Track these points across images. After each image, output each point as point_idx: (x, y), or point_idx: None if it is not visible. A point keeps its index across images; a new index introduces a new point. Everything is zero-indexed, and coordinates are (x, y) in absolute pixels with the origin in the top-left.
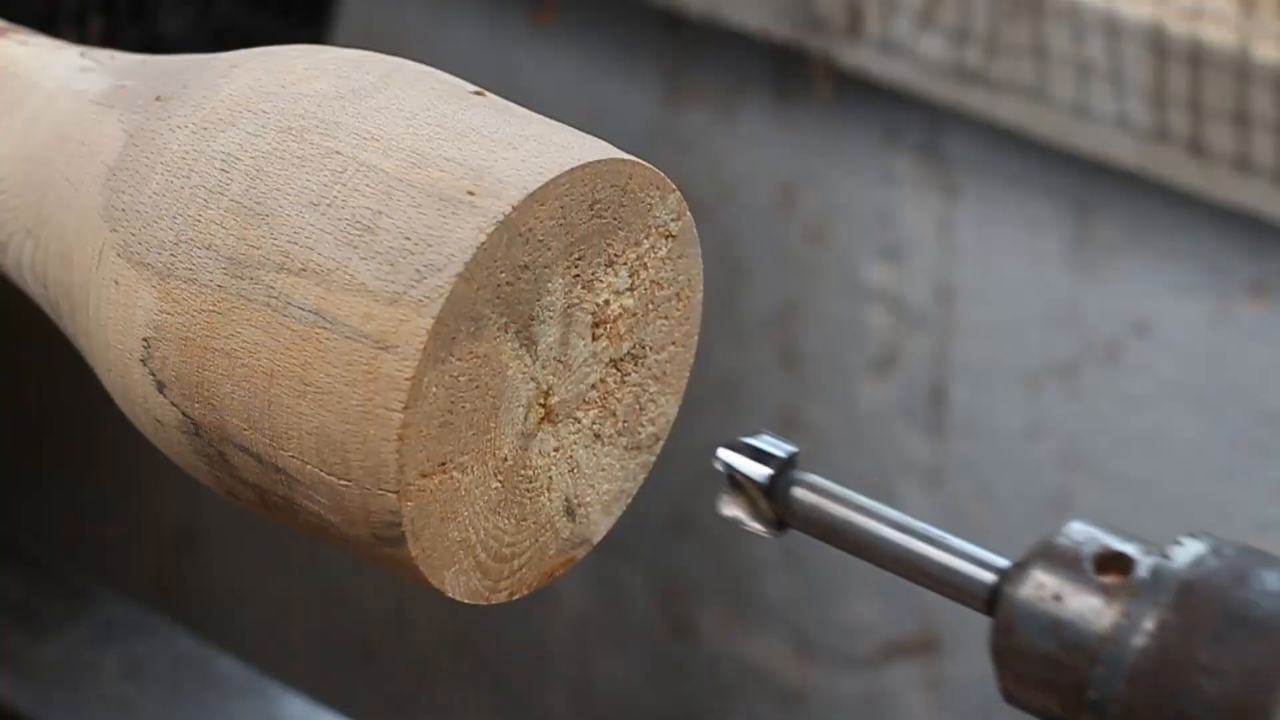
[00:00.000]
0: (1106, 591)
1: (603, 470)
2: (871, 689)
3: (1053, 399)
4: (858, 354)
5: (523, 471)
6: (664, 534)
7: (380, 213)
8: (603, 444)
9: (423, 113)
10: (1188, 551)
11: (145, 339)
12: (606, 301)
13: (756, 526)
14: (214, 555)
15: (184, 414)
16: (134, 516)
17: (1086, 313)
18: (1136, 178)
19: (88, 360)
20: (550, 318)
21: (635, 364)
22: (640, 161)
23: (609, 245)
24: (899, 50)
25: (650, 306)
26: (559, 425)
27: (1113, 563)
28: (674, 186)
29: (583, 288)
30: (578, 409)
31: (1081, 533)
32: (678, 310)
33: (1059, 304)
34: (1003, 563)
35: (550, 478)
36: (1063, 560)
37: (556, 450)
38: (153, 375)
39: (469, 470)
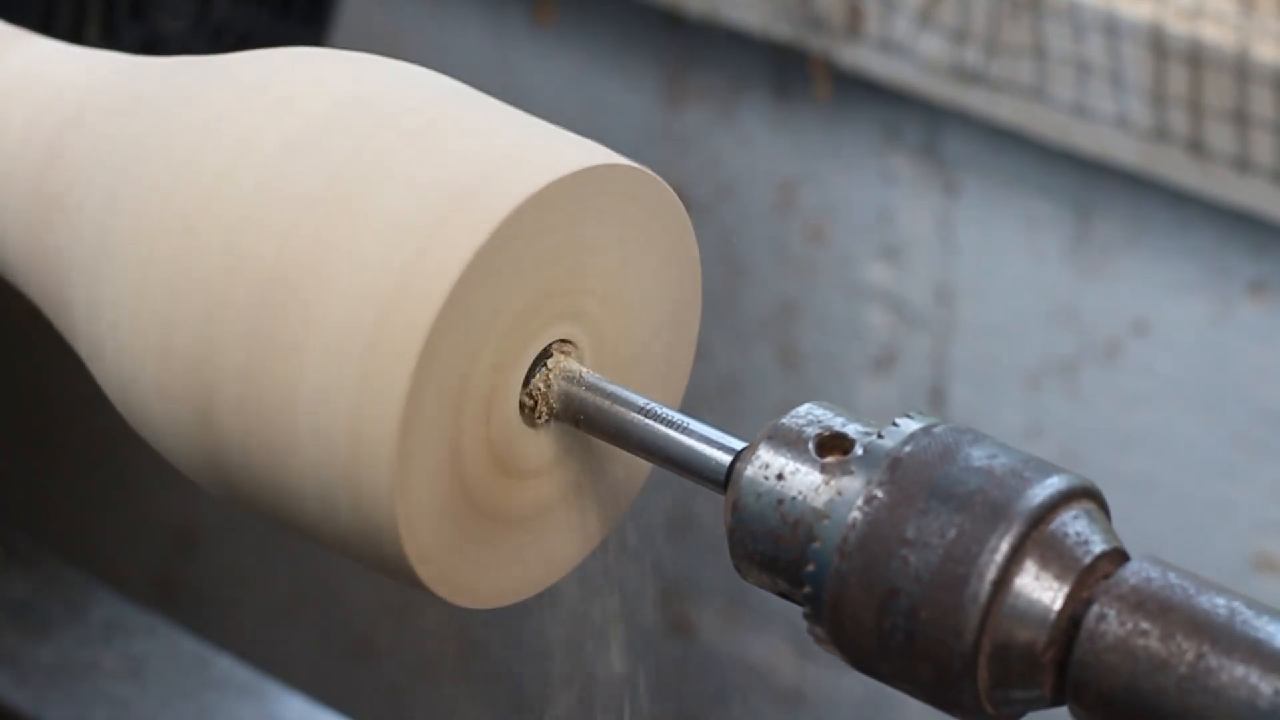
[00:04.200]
0: (825, 470)
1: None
2: (872, 689)
3: (1052, 398)
4: (857, 353)
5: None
6: (664, 534)
7: (371, 223)
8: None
9: (422, 117)
10: (901, 431)
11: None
12: (604, 302)
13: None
14: (214, 555)
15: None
16: (134, 516)
17: (1086, 312)
18: (1136, 178)
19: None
20: (549, 320)
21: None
22: (636, 165)
23: (607, 246)
24: (898, 50)
25: (648, 308)
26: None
27: (834, 443)
28: (671, 189)
29: (581, 289)
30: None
31: (807, 415)
32: (676, 310)
33: (1059, 304)
34: (738, 445)
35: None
36: (786, 441)
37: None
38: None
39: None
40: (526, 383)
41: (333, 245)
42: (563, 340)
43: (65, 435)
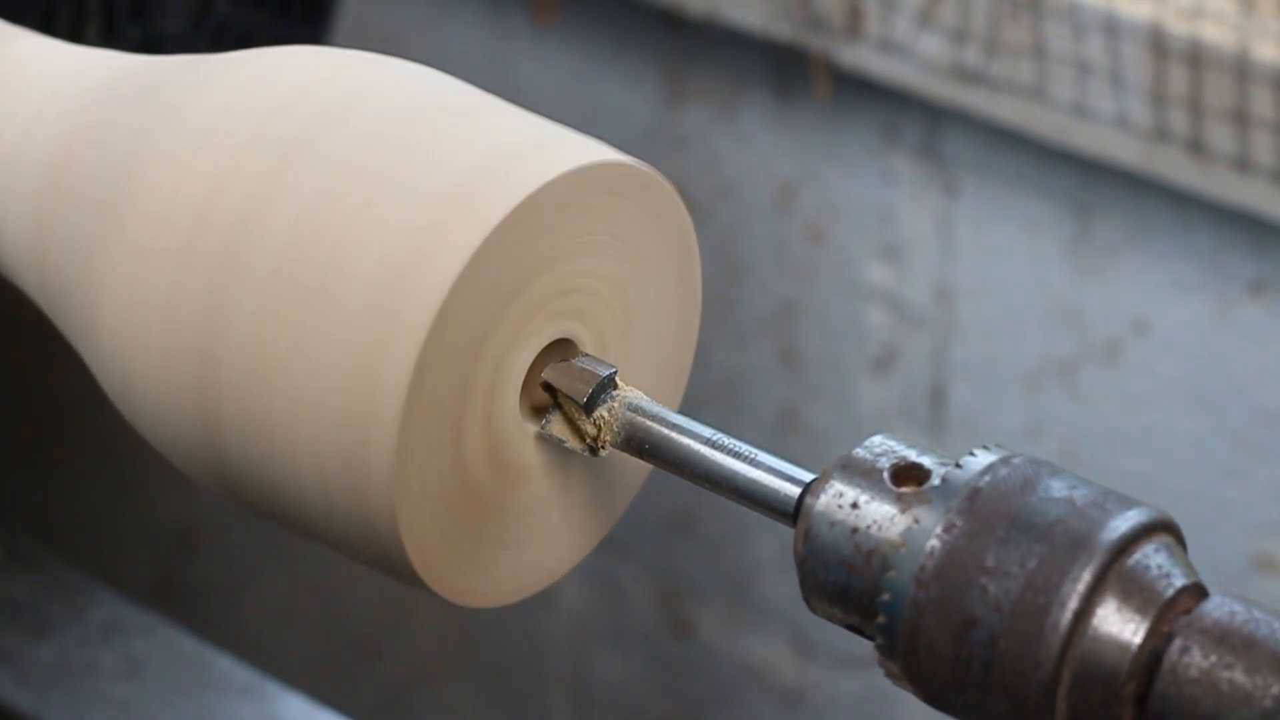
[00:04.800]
0: (901, 500)
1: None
2: (871, 689)
3: (1052, 398)
4: (857, 353)
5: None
6: (664, 534)
7: (375, 221)
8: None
9: (423, 115)
10: (979, 461)
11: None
12: (604, 301)
13: (576, 446)
14: (214, 555)
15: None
16: (134, 516)
17: (1086, 312)
18: (1136, 178)
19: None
20: (549, 317)
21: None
22: (637, 163)
23: (608, 244)
24: (898, 50)
25: (649, 307)
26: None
27: (909, 473)
28: (672, 187)
29: (582, 287)
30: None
31: (881, 445)
32: (676, 310)
33: (1058, 304)
34: (807, 477)
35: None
36: (860, 471)
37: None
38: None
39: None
40: (528, 383)
41: (335, 244)
42: (563, 339)
43: (66, 436)
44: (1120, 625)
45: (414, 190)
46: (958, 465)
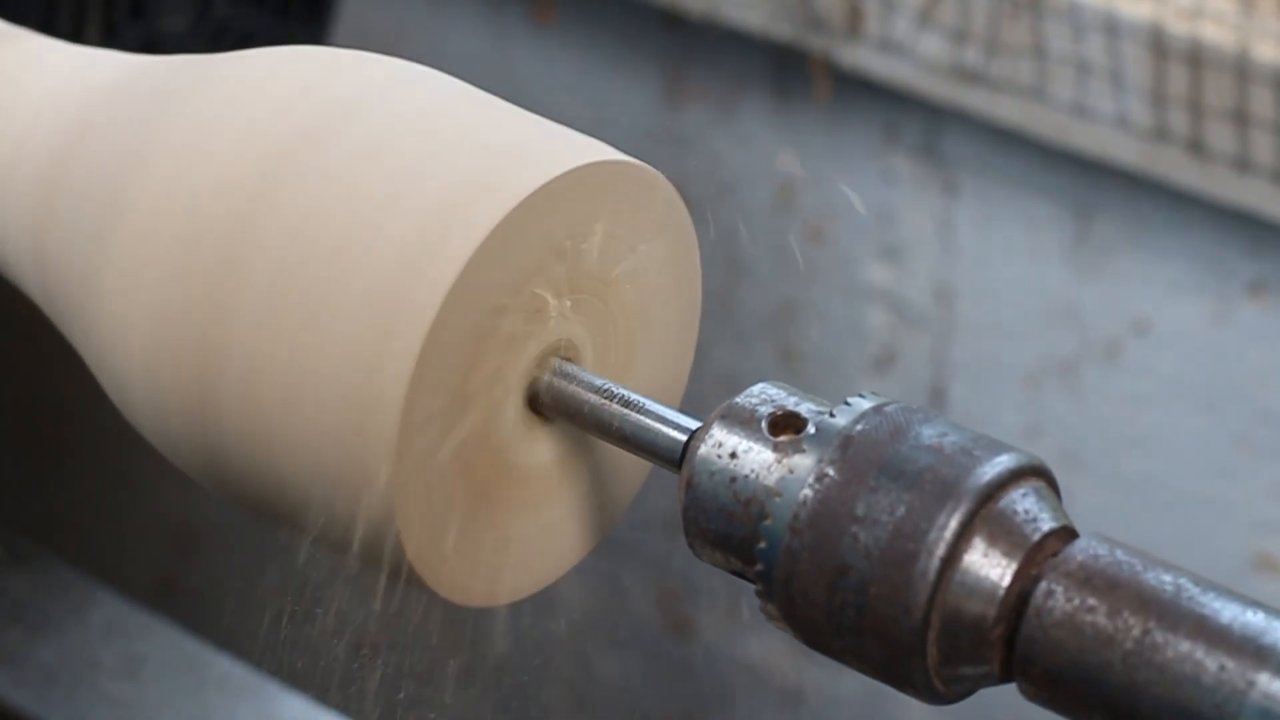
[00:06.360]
0: (778, 449)
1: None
2: (871, 689)
3: (1052, 398)
4: (857, 353)
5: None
6: (664, 534)
7: (375, 221)
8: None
9: (423, 115)
10: (853, 410)
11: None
12: (604, 301)
13: None
14: (214, 555)
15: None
16: (134, 516)
17: (1086, 312)
18: (1136, 178)
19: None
20: (549, 318)
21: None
22: (638, 162)
23: (609, 244)
24: (898, 50)
25: (649, 307)
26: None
27: (786, 422)
28: (672, 186)
29: (582, 287)
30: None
31: (761, 394)
32: (676, 310)
33: (1059, 304)
34: (693, 424)
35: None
36: (739, 420)
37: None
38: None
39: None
40: (529, 384)
41: (335, 245)
42: (563, 339)
43: (66, 435)
44: (988, 570)
45: (413, 191)
46: (832, 414)
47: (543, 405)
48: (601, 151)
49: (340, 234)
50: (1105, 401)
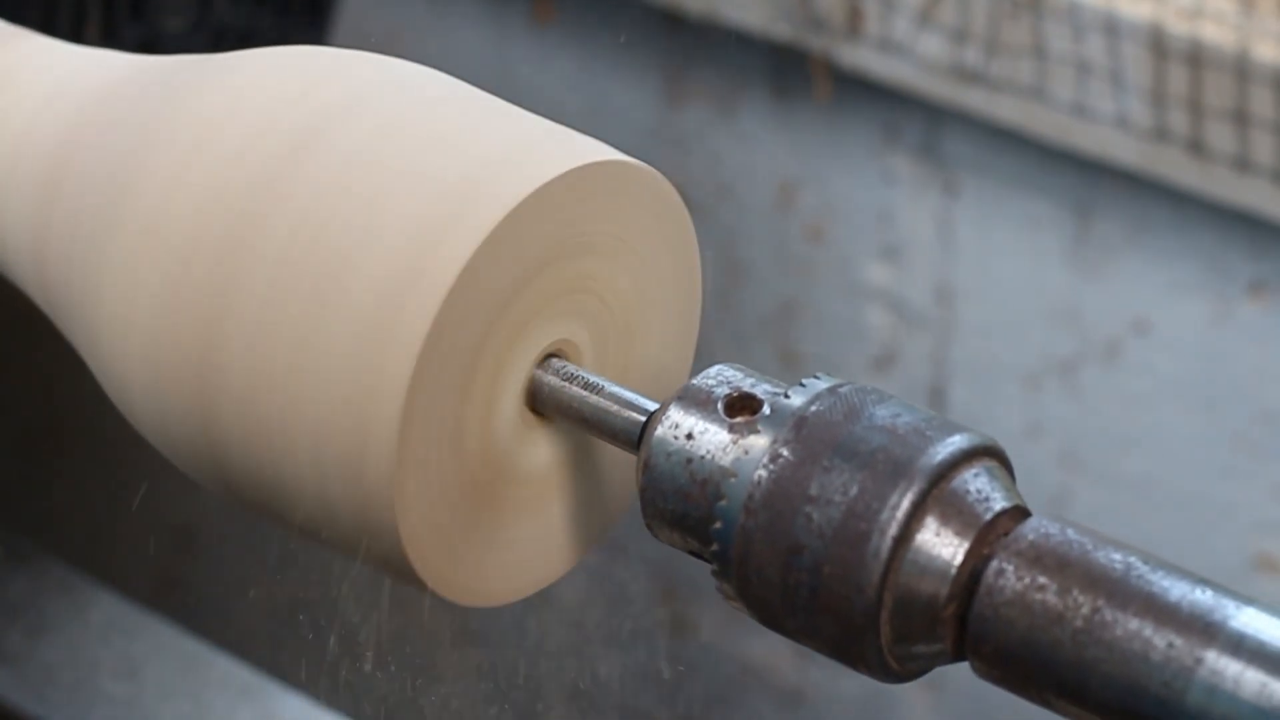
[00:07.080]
0: (734, 430)
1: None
2: (871, 689)
3: (1052, 399)
4: (858, 353)
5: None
6: None
7: (375, 222)
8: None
9: (423, 115)
10: (807, 391)
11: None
12: (604, 301)
13: None
14: (214, 555)
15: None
16: (134, 516)
17: (1086, 312)
18: (1136, 178)
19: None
20: (549, 318)
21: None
22: (638, 162)
23: (609, 244)
24: (898, 50)
25: (648, 307)
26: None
27: (742, 403)
28: (672, 186)
29: (582, 287)
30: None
31: (718, 376)
32: (676, 310)
33: (1059, 304)
34: (652, 406)
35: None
36: (696, 401)
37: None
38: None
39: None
40: (529, 384)
41: (335, 245)
42: (563, 339)
43: (66, 435)
44: (940, 549)
45: (413, 191)
46: (787, 395)
47: (543, 405)
48: (601, 151)
49: (340, 234)
50: (1105, 401)
